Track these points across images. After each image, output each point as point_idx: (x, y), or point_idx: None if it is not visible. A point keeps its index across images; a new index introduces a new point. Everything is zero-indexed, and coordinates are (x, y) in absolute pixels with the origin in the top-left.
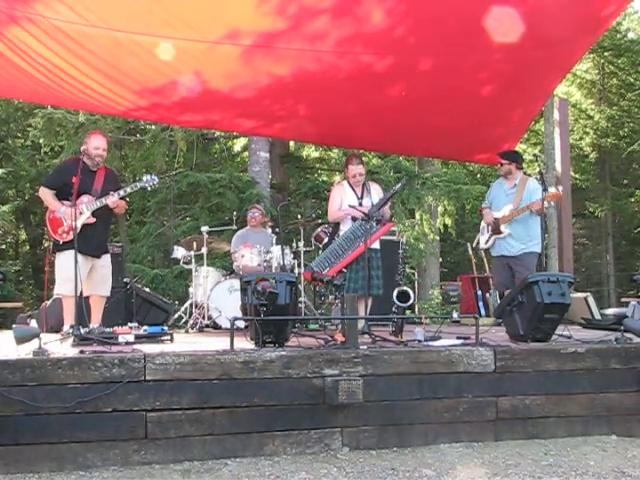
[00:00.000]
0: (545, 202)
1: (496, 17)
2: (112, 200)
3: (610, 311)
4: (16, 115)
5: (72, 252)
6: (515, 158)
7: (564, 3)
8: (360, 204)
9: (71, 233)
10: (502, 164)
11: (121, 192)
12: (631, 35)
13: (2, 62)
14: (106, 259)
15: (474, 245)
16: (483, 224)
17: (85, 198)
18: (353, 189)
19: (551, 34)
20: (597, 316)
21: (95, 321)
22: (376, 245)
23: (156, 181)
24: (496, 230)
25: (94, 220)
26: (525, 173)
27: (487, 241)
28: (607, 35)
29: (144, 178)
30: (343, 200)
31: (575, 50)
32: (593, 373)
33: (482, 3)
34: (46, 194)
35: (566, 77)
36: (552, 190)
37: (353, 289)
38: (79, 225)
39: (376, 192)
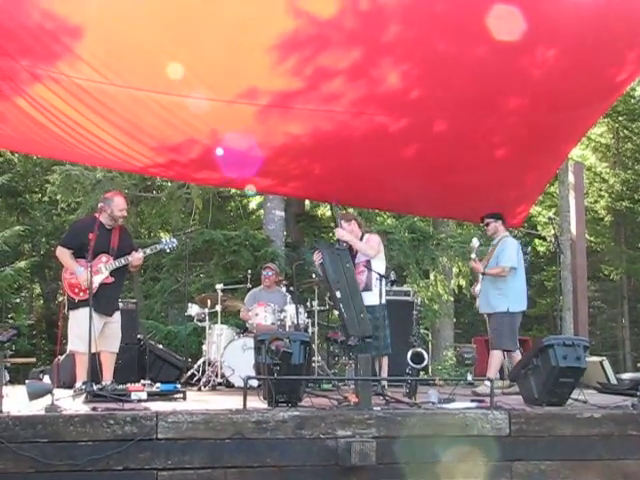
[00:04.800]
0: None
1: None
2: (138, 257)
3: (626, 376)
4: (34, 171)
5: (87, 310)
6: (500, 216)
7: (579, 68)
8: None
9: (87, 292)
10: (488, 224)
11: (147, 251)
12: None
13: (23, 118)
14: (117, 315)
15: None
16: None
17: (104, 257)
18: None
19: (566, 98)
20: (613, 380)
21: (107, 378)
22: (369, 302)
23: (175, 244)
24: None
25: (112, 279)
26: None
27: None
28: (621, 100)
29: (163, 240)
30: None
31: (589, 114)
32: (609, 439)
33: (498, 67)
34: (64, 254)
35: (581, 140)
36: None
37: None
38: (96, 284)
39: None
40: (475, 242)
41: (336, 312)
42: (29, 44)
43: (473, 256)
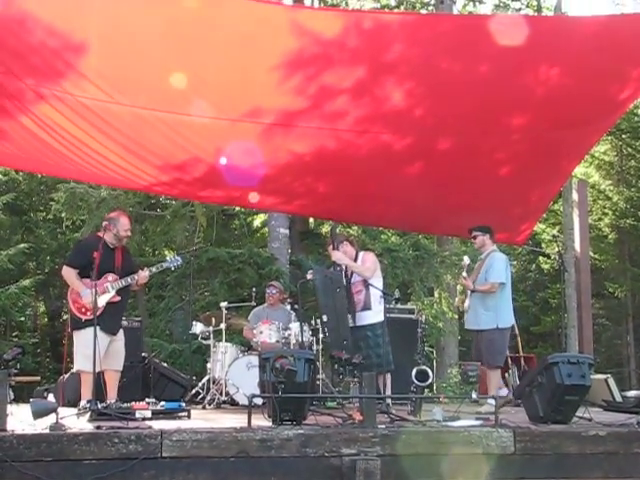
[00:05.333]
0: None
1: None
2: (144, 275)
3: (631, 393)
4: (39, 189)
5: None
6: (488, 230)
7: (582, 86)
8: (348, 281)
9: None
10: (475, 237)
11: (153, 269)
12: None
13: (28, 137)
14: (121, 333)
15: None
16: None
17: (110, 277)
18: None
19: (569, 116)
20: (618, 398)
21: (111, 396)
22: (369, 321)
23: (179, 262)
24: (463, 306)
25: (119, 298)
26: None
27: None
28: (625, 118)
29: (168, 258)
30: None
31: (593, 132)
32: (615, 457)
33: (502, 85)
34: (70, 274)
35: (584, 158)
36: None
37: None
38: (104, 303)
39: (361, 259)
40: (466, 260)
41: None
42: (33, 63)
43: (464, 274)
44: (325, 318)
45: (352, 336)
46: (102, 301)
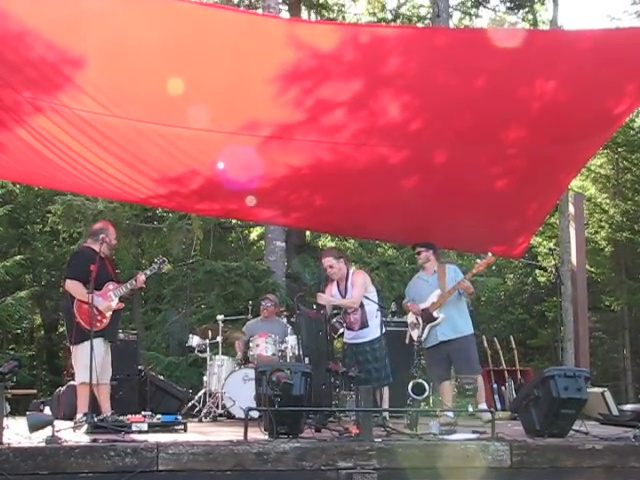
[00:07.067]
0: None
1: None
2: (142, 280)
3: (628, 407)
4: (36, 201)
5: (99, 340)
6: (432, 246)
7: (578, 100)
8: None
9: (104, 321)
10: (420, 252)
11: (147, 272)
12: None
13: (25, 149)
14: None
15: (407, 341)
16: (411, 319)
17: (111, 285)
18: (337, 284)
19: (565, 130)
20: (615, 412)
21: (106, 409)
22: (368, 337)
23: (165, 262)
24: (429, 319)
25: (122, 305)
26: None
27: (422, 332)
28: (620, 131)
29: (155, 261)
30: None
31: (589, 146)
32: (611, 471)
33: (498, 99)
34: (77, 286)
35: (581, 172)
36: (479, 260)
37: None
38: (111, 312)
39: (350, 280)
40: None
41: (337, 344)
42: (31, 76)
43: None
44: (307, 360)
45: (351, 351)
46: (109, 310)
